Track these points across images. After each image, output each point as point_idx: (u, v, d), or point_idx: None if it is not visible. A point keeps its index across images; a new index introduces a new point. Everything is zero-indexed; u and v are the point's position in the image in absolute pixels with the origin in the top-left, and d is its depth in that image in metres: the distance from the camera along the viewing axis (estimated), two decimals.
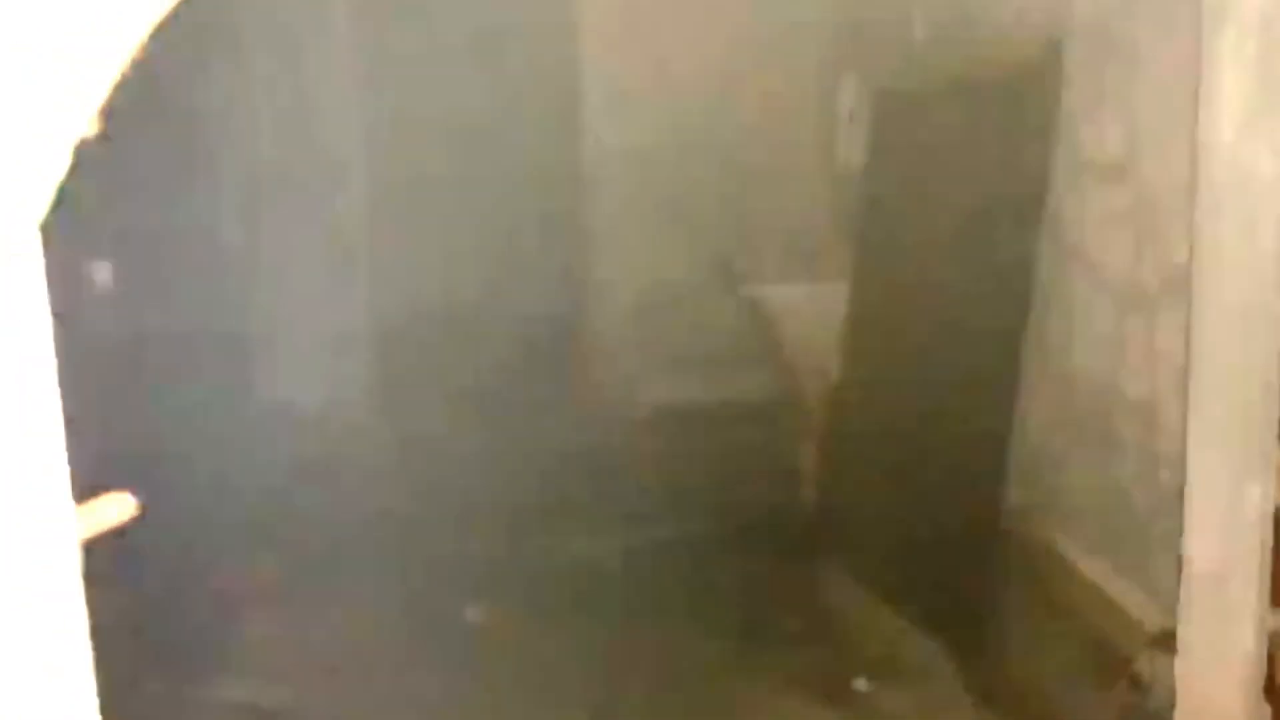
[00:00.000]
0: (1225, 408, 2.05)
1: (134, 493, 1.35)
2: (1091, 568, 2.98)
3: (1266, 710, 1.98)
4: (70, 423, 1.09)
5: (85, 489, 1.19)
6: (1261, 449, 1.95)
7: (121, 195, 3.84)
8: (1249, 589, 2.00)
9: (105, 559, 1.22)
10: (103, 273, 4.10)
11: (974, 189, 3.50)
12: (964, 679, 3.36)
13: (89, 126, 1.10)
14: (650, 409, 5.13)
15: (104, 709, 1.15)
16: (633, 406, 5.16)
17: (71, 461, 1.09)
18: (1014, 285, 3.30)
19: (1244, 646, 2.02)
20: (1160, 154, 2.69)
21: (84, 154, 1.09)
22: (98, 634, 1.11)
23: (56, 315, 1.08)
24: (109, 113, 1.14)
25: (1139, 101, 2.82)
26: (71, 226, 1.21)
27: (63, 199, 1.09)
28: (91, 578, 1.10)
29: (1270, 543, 1.96)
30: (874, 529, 3.91)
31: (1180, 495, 2.25)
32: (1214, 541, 2.10)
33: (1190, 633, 2.20)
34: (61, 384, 1.08)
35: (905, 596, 3.65)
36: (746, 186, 4.98)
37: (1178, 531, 2.25)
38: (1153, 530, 2.69)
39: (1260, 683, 2.00)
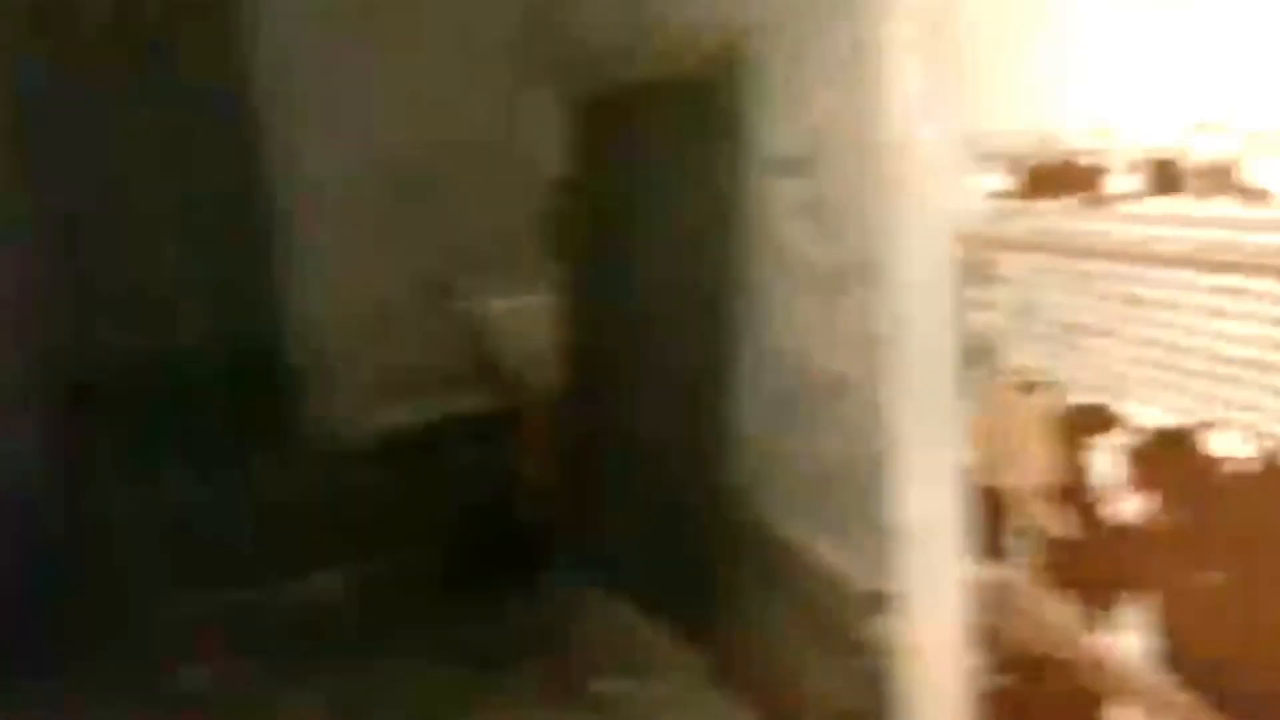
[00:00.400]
0: (915, 378, 2.19)
1: None
2: (808, 541, 3.11)
3: (982, 659, 2.12)
4: None
5: None
6: (950, 412, 2.09)
7: None
8: (951, 546, 2.14)
9: None
10: None
11: (671, 189, 3.59)
12: (705, 668, 3.44)
13: None
14: (372, 437, 4.99)
15: None
16: (354, 436, 5.01)
17: None
18: (717, 278, 3.40)
19: (951, 601, 2.16)
20: (837, 146, 2.85)
21: None
22: None
23: None
24: None
25: (817, 95, 2.97)
26: None
27: None
28: None
29: (968, 500, 2.10)
30: (607, 532, 3.95)
31: (879, 463, 2.39)
32: (916, 503, 2.24)
33: (902, 593, 2.33)
34: None
35: (643, 595, 3.70)
36: (452, 204, 4.94)
37: (881, 497, 2.39)
38: (856, 497, 2.84)
39: (972, 634, 2.14)
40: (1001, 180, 1.86)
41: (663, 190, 3.64)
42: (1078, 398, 1.80)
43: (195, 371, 5.97)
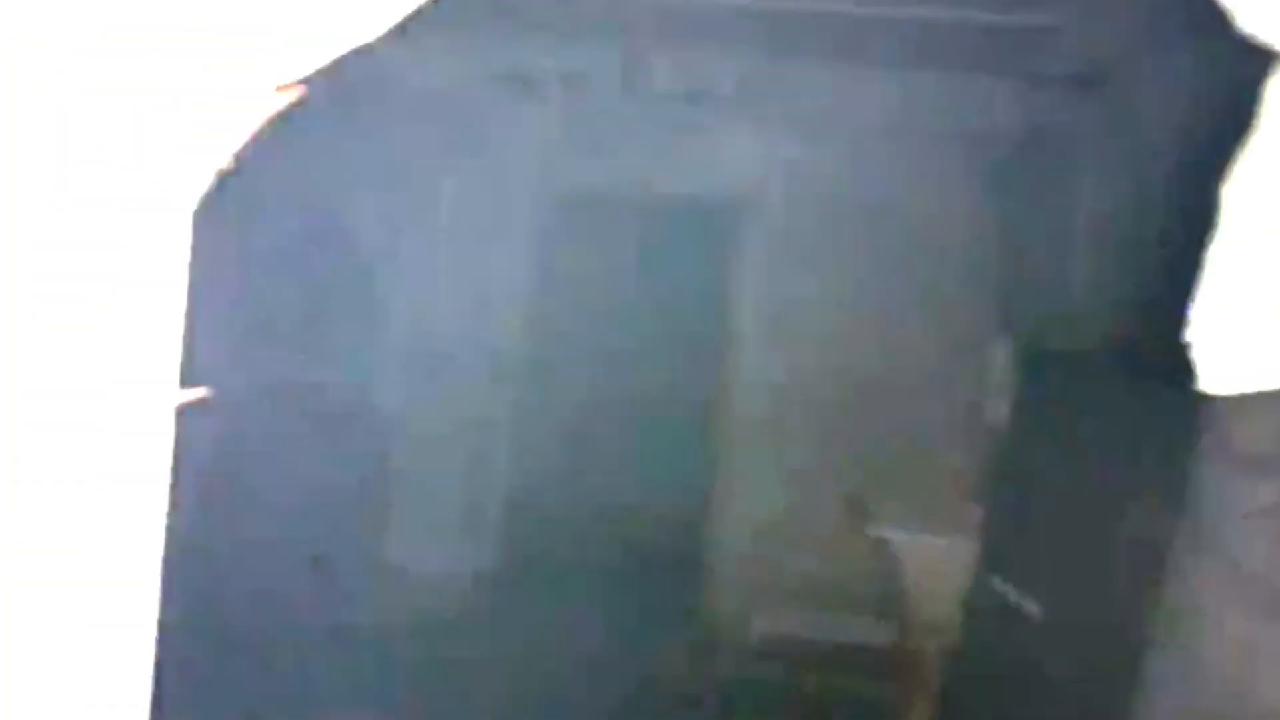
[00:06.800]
0: None
1: None
2: None
3: None
4: None
5: None
6: None
7: None
8: None
9: None
10: None
11: (1116, 460, 3.37)
12: None
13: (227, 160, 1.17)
14: (755, 638, 4.98)
15: None
16: (736, 634, 5.03)
17: None
18: (1147, 572, 3.11)
19: None
20: None
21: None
22: None
23: None
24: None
25: None
26: None
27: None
28: None
29: None
30: None
31: None
32: None
33: None
34: None
35: None
36: (889, 432, 4.97)
37: None
38: None
39: None
40: None
41: (1103, 457, 3.42)
42: None
43: (620, 532, 6.31)
